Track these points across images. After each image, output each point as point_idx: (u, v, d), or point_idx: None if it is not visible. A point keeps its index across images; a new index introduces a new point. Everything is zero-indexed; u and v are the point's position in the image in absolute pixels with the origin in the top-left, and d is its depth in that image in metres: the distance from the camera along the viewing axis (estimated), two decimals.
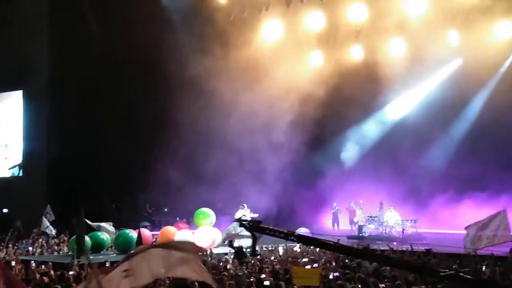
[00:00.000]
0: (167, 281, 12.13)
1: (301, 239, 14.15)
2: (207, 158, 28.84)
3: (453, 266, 14.77)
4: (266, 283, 12.07)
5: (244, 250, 13.70)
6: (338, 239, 16.10)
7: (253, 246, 14.14)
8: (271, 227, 14.28)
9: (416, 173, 28.41)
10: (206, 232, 23.45)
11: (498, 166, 25.99)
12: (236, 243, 18.37)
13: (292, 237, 14.13)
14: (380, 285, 11.79)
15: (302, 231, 26.16)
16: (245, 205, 25.40)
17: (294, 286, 11.72)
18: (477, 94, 27.90)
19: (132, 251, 12.40)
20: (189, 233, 24.09)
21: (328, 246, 13.80)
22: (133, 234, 21.86)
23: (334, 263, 15.30)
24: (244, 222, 13.23)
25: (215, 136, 28.92)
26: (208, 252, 18.52)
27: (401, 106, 30.02)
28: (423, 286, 11.51)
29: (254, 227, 13.56)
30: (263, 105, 28.01)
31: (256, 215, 25.11)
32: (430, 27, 26.54)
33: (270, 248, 19.86)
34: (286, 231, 14.48)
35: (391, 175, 27.72)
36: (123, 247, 21.62)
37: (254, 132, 27.93)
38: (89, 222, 22.87)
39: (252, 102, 27.79)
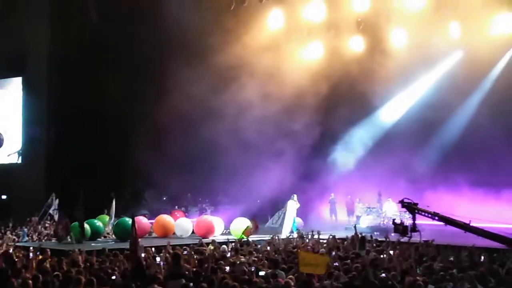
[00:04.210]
0: None
1: (443, 219, 15.03)
2: (205, 143, 28.73)
3: (450, 258, 14.81)
4: (262, 273, 12.03)
5: (406, 226, 15.03)
6: (470, 220, 16.46)
7: (413, 222, 15.31)
8: (422, 208, 15.41)
9: (415, 165, 28.35)
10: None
11: (498, 160, 25.98)
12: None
13: (436, 217, 15.14)
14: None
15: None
16: (295, 195, 25.56)
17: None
18: (476, 87, 27.87)
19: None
20: (187, 221, 24.17)
21: (463, 227, 14.60)
22: None
23: (333, 253, 15.34)
24: (405, 203, 14.73)
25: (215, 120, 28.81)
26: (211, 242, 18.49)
27: (402, 100, 29.94)
28: (419, 278, 11.52)
29: (412, 208, 14.92)
30: (260, 94, 27.94)
31: (298, 206, 25.39)
32: (431, 18, 26.43)
33: (267, 239, 19.87)
34: (432, 212, 15.47)
35: (391, 167, 27.70)
36: (122, 234, 21.71)
37: (249, 122, 27.94)
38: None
39: (249, 91, 27.77)
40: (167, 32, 28.74)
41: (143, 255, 13.50)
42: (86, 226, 21.91)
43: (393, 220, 19.56)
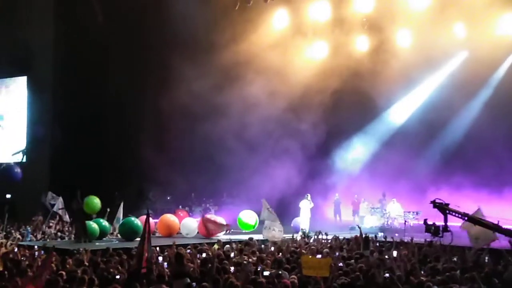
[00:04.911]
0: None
1: (472, 219, 15.12)
2: (211, 142, 28.73)
3: (453, 259, 14.80)
4: (266, 273, 12.04)
5: (438, 227, 16.38)
6: (498, 221, 16.59)
7: (445, 223, 16.50)
8: (454, 209, 15.48)
9: (419, 166, 28.34)
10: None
11: (502, 161, 25.93)
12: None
13: (466, 218, 15.27)
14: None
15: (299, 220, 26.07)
16: (309, 195, 25.59)
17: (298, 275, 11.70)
18: (481, 88, 27.79)
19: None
20: (193, 221, 24.18)
21: (493, 228, 14.70)
22: (138, 221, 22.01)
23: (337, 253, 15.34)
24: (437, 203, 14.80)
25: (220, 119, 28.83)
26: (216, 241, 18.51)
27: (407, 101, 29.89)
28: (423, 278, 11.53)
29: (443, 208, 14.98)
30: (265, 92, 27.96)
31: (312, 205, 25.43)
32: (436, 19, 26.39)
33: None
34: (462, 213, 15.49)
35: (395, 168, 27.68)
36: (128, 234, 21.75)
37: (254, 120, 27.95)
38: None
39: (254, 89, 27.80)
40: (172, 31, 28.76)
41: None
42: (95, 225, 21.98)
43: (425, 220, 19.57)
